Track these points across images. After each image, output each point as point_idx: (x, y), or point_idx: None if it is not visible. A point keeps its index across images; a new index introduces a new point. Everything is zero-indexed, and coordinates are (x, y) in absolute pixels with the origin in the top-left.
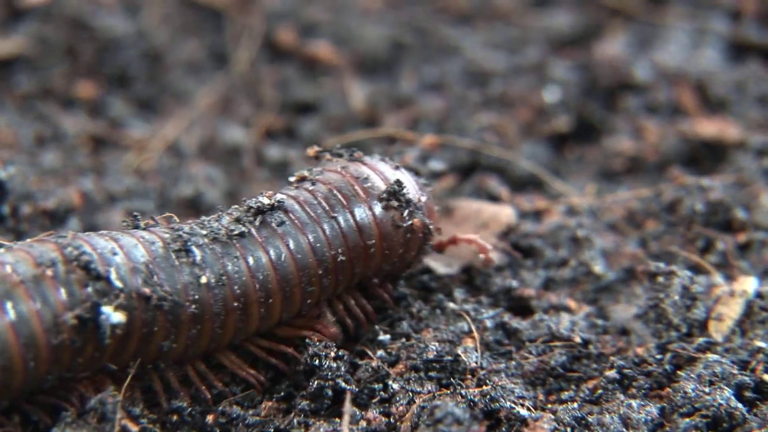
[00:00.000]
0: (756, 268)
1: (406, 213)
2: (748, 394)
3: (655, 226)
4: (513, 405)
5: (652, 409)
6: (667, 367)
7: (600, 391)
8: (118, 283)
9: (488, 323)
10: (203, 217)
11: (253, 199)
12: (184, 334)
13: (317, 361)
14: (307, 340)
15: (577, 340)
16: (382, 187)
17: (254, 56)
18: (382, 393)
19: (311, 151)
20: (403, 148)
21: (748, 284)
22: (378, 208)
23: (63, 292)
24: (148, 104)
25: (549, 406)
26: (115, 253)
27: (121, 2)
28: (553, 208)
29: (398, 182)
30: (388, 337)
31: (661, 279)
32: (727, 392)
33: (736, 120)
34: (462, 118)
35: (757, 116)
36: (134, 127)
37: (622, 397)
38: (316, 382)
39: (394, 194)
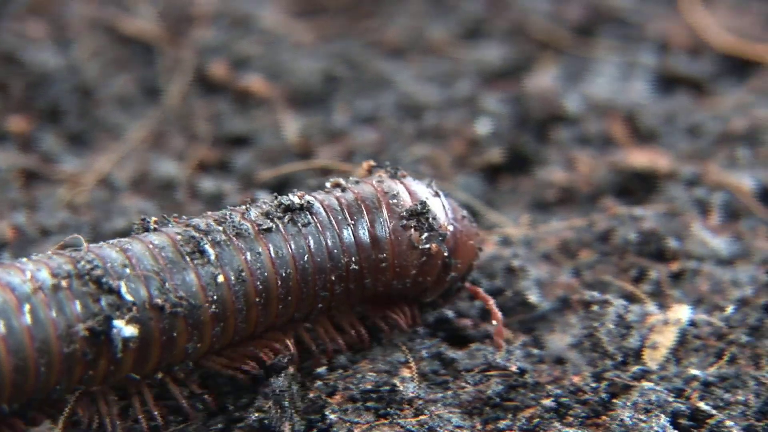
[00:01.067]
0: (689, 296)
1: (424, 236)
2: (683, 421)
3: (589, 256)
4: None
5: None
6: (603, 395)
7: (537, 420)
8: (129, 297)
9: (424, 353)
10: (222, 211)
11: (285, 196)
12: (207, 333)
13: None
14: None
15: (514, 369)
16: (407, 205)
17: (186, 90)
18: (319, 424)
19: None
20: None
21: (682, 313)
22: (397, 225)
23: (77, 304)
24: (80, 138)
25: None
26: (125, 266)
27: (52, 37)
28: (488, 238)
29: (423, 204)
30: (324, 368)
31: (595, 308)
32: (663, 420)
33: (667, 150)
34: (396, 150)
35: (686, 147)
36: (66, 161)
37: (558, 425)
38: (255, 414)
39: (417, 215)
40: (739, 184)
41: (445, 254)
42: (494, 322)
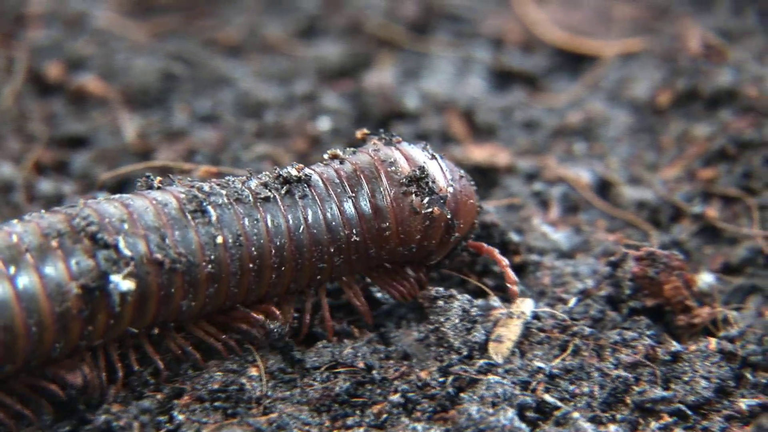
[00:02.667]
0: (532, 289)
1: (426, 200)
2: (530, 414)
3: None
4: None
5: None
6: (450, 390)
7: (385, 416)
8: (127, 251)
9: (272, 352)
10: (226, 178)
11: (284, 168)
12: (202, 292)
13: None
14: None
15: (361, 366)
16: (406, 171)
17: (20, 91)
18: (167, 425)
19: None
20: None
21: (526, 306)
22: (396, 192)
23: (69, 262)
24: None
25: None
26: (123, 220)
27: None
28: None
29: (422, 169)
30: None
31: (441, 303)
32: (510, 413)
33: (505, 145)
34: (237, 149)
35: (524, 141)
36: None
37: (407, 421)
38: (103, 417)
39: (416, 180)
40: (577, 178)
41: (448, 216)
42: (507, 272)
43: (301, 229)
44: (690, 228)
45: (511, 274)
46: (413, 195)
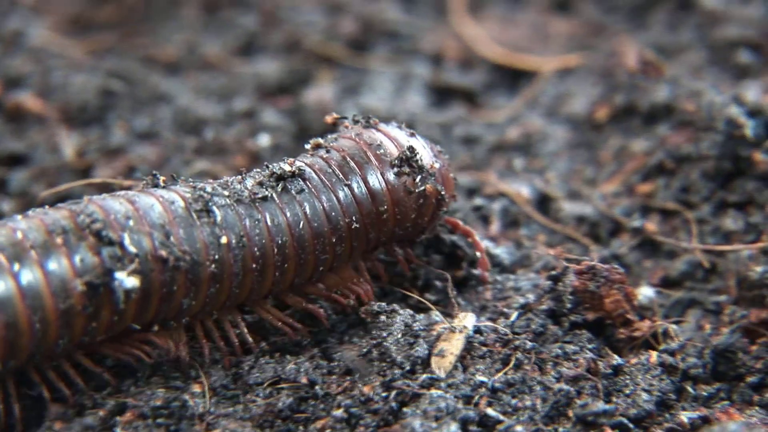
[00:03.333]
0: (473, 304)
1: (418, 179)
2: (473, 428)
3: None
4: None
5: None
6: (393, 404)
7: (328, 431)
8: (132, 248)
9: (214, 368)
10: (225, 178)
11: (276, 165)
12: (203, 292)
13: None
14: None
15: (304, 381)
16: (395, 153)
17: None
18: None
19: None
20: None
21: (468, 320)
22: (390, 174)
23: (74, 259)
24: None
25: None
26: (128, 217)
27: None
28: None
29: (411, 148)
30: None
31: (383, 318)
32: (453, 427)
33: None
34: (177, 166)
35: (463, 157)
36: None
37: None
38: None
39: (407, 160)
40: (517, 193)
41: (441, 192)
42: (478, 254)
43: (302, 224)
44: (629, 242)
45: (486, 259)
46: (405, 175)
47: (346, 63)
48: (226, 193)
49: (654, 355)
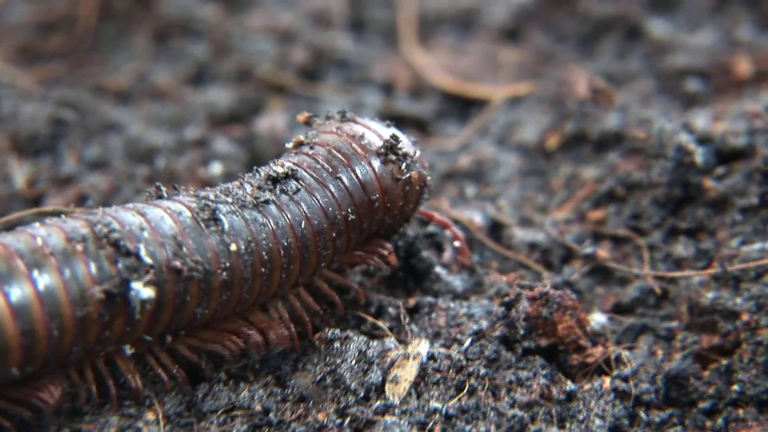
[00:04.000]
0: (427, 331)
1: (404, 166)
2: None
3: None
4: None
5: None
6: (348, 431)
7: None
8: (148, 259)
9: (168, 395)
10: (224, 185)
11: (268, 167)
12: (215, 300)
13: None
14: None
15: (258, 408)
16: (378, 142)
17: None
18: None
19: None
20: None
21: (421, 347)
22: (377, 163)
23: (92, 267)
24: None
25: None
26: (142, 228)
27: None
28: None
29: (394, 137)
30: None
31: (337, 344)
32: None
33: None
34: (128, 195)
35: None
36: None
37: None
38: None
39: (391, 148)
40: (470, 220)
41: (425, 177)
42: (456, 243)
43: (303, 223)
44: (581, 269)
45: (466, 248)
46: (392, 162)
47: (298, 92)
48: (229, 199)
49: (607, 381)
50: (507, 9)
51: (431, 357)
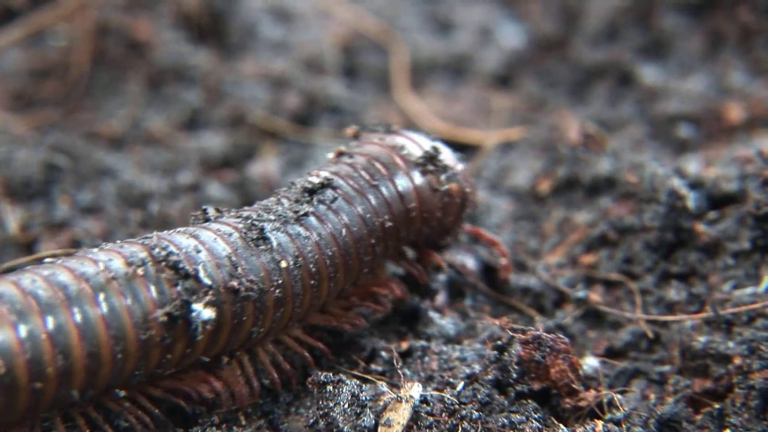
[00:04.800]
0: (419, 374)
1: (443, 177)
2: None
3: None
4: None
5: None
6: None
7: None
8: (207, 281)
9: None
10: (261, 203)
11: (303, 179)
12: (269, 317)
13: None
14: None
15: None
16: (419, 153)
17: None
18: None
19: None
20: None
21: (414, 390)
22: (416, 174)
23: (153, 291)
24: None
25: None
26: (198, 251)
27: None
28: None
29: (435, 148)
30: None
31: (330, 388)
32: None
33: None
34: (121, 239)
35: None
36: None
37: None
38: None
39: (431, 159)
40: (463, 264)
41: (466, 190)
42: (503, 260)
43: (343, 231)
44: (573, 313)
45: (510, 264)
46: (430, 173)
47: (291, 137)
48: (271, 217)
49: (599, 425)
50: (499, 56)
51: (424, 400)
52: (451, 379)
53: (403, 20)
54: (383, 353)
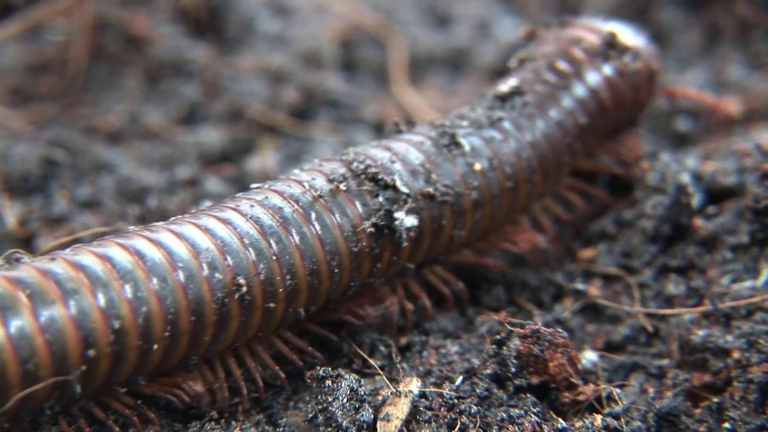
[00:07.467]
0: (418, 369)
1: (627, 59)
2: None
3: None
4: None
5: None
6: None
7: None
8: (404, 189)
9: None
10: (455, 111)
11: (495, 89)
12: (468, 220)
13: None
14: None
15: None
16: (598, 42)
17: None
18: None
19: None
20: None
21: (413, 385)
22: (601, 64)
23: (358, 204)
24: None
25: None
26: (393, 161)
27: None
28: None
29: (611, 33)
30: None
31: (328, 383)
32: None
33: None
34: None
35: None
36: None
37: None
38: None
39: (611, 45)
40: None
41: (651, 67)
42: (710, 104)
43: (537, 134)
44: (572, 307)
45: (718, 104)
46: (614, 59)
47: (289, 132)
48: (464, 123)
49: (598, 419)
50: (497, 49)
51: (423, 395)
52: (449, 374)
53: (401, 14)
54: (382, 348)
